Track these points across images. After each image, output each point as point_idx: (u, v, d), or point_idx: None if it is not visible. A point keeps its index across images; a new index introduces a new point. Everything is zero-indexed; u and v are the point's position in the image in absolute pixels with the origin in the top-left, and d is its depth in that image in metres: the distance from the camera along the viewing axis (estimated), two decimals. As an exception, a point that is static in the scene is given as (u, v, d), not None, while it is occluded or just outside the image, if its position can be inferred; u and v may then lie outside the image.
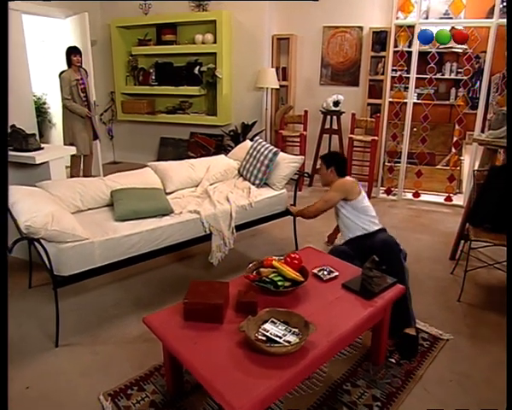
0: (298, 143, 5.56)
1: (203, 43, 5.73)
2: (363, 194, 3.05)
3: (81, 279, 2.58)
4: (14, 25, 4.65)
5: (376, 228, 3.01)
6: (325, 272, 2.46)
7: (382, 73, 5.54)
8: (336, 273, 2.46)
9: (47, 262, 2.44)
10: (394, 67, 4.97)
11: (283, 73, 6.00)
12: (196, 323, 1.98)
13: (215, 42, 5.66)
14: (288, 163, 3.63)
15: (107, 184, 3.17)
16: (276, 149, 3.60)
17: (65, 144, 5.20)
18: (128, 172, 3.44)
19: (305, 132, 5.52)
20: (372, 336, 2.44)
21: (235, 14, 5.69)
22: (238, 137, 5.69)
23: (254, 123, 5.76)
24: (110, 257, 2.65)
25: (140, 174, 3.44)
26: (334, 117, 5.55)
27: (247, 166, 3.74)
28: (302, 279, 2.26)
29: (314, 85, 6.00)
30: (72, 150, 3.56)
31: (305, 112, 5.59)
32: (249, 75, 5.80)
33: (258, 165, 3.62)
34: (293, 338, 1.83)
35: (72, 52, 4.82)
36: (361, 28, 5.57)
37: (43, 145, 3.48)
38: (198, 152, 6.17)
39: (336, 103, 5.41)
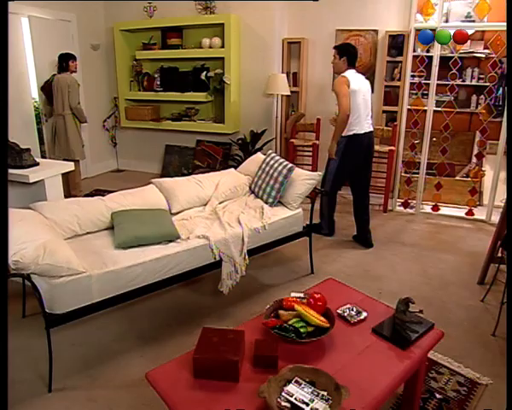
0: (310, 153, 5.26)
1: (210, 47, 5.49)
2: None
3: (77, 317, 2.30)
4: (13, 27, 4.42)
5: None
6: (352, 313, 2.16)
7: (399, 79, 5.22)
8: (365, 314, 2.15)
9: (38, 299, 2.16)
10: (413, 73, 4.65)
11: (294, 79, 5.70)
12: (208, 381, 1.69)
13: (223, 46, 5.40)
14: (303, 180, 3.33)
15: (107, 206, 2.88)
16: (290, 165, 3.31)
17: (63, 157, 5.00)
18: (130, 191, 3.15)
19: (317, 142, 5.22)
20: (404, 386, 2.14)
21: (244, 17, 5.41)
22: (247, 146, 5.40)
23: (264, 131, 5.46)
24: (109, 291, 2.37)
25: (143, 193, 3.15)
26: None
27: (260, 182, 3.45)
28: (328, 325, 1.96)
29: (326, 91, 5.68)
30: (70, 166, 3.28)
31: (318, 120, 5.29)
32: (258, 81, 5.52)
33: (272, 182, 3.32)
34: (322, 406, 1.54)
35: (70, 58, 4.75)
36: (376, 32, 5.26)
37: (38, 160, 3.20)
38: (204, 161, 5.90)
39: (350, 111, 5.09)
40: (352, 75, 3.65)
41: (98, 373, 2.39)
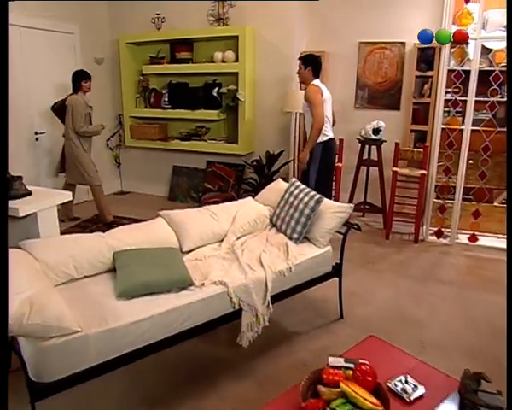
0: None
1: (223, 61, 5.25)
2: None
3: (69, 386, 1.95)
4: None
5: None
6: (407, 387, 1.81)
7: (429, 96, 4.92)
8: (422, 390, 1.80)
9: (22, 365, 1.83)
10: (448, 89, 4.33)
11: None
12: None
13: (237, 60, 5.16)
14: (333, 213, 2.99)
15: (108, 244, 2.55)
16: (319, 196, 2.98)
17: (69, 183, 4.80)
18: (135, 226, 2.84)
19: (340, 164, 4.90)
20: None
21: (260, 29, 5.17)
22: (262, 168, 5.11)
23: (281, 153, 5.16)
24: (110, 352, 2.03)
25: (150, 228, 2.82)
26: (373, 146, 4.96)
27: (283, 215, 3.12)
28: (381, 408, 1.60)
29: (348, 109, 5.40)
30: (67, 196, 2.97)
31: (341, 141, 4.98)
32: (275, 98, 5.26)
33: (297, 215, 2.99)
34: None
35: (85, 77, 4.57)
36: (403, 44, 4.99)
37: (31, 188, 2.89)
38: (216, 184, 5.62)
39: (377, 131, 4.81)
40: (321, 85, 4.04)
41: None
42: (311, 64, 4.05)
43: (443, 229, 4.61)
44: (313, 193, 3.04)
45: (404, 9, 4.89)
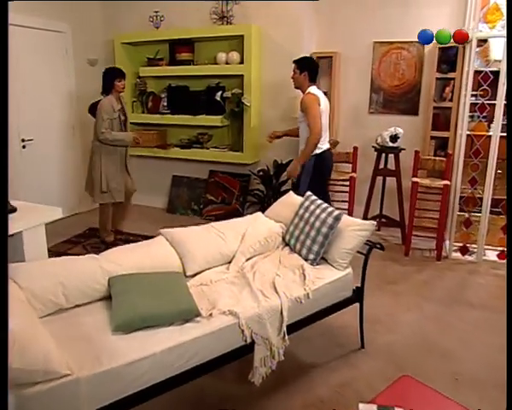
0: (346, 189, 4.76)
1: (227, 63, 5.11)
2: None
3: (57, 440, 1.75)
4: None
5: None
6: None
7: (451, 99, 4.77)
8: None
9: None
10: (474, 92, 4.17)
11: None
12: None
13: (242, 62, 5.01)
14: (353, 231, 2.81)
15: (102, 268, 2.37)
16: (337, 212, 2.80)
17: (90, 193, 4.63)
18: (132, 246, 2.66)
19: (354, 174, 4.74)
20: None
21: (267, 28, 5.02)
22: (270, 179, 4.95)
23: (290, 162, 4.98)
24: (104, 398, 1.84)
25: (149, 249, 2.64)
26: (390, 155, 4.83)
27: (297, 233, 2.94)
28: None
29: (362, 114, 5.28)
30: (58, 214, 2.78)
31: (355, 149, 4.83)
32: (283, 103, 5.11)
33: (313, 233, 2.81)
34: None
35: (118, 75, 4.32)
36: (422, 44, 4.83)
37: (16, 204, 2.71)
38: (219, 195, 5.46)
39: (394, 138, 4.65)
40: (319, 93, 3.92)
41: None
42: (308, 68, 3.95)
43: (468, 245, 4.43)
44: (331, 209, 2.86)
45: (423, 6, 4.77)
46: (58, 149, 5.52)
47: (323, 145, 4.00)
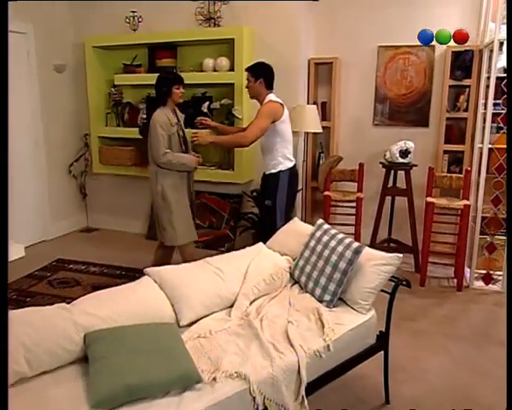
0: (352, 210, 4.55)
1: (215, 70, 4.91)
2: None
3: None
4: None
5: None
6: None
7: (465, 109, 4.62)
8: None
9: None
10: (496, 101, 4.02)
11: (323, 111, 5.17)
12: None
13: (232, 69, 4.81)
14: (376, 266, 2.57)
15: (76, 322, 2.04)
16: (357, 244, 2.55)
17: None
18: (113, 291, 2.35)
19: (361, 195, 4.54)
20: None
21: (260, 31, 4.83)
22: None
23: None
24: None
25: (134, 294, 2.33)
26: (400, 171, 4.66)
27: (308, 268, 2.68)
28: None
29: (365, 127, 5.16)
30: (18, 252, 2.45)
31: (361, 166, 4.64)
32: (279, 115, 4.90)
33: (329, 269, 2.55)
34: None
35: (177, 81, 3.72)
36: (432, 48, 4.77)
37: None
38: (206, 219, 5.23)
39: (405, 153, 4.50)
40: (280, 101, 3.78)
41: None
42: (263, 75, 3.76)
43: (491, 271, 4.24)
44: (349, 240, 2.62)
45: (433, 6, 4.68)
46: (17, 167, 5.17)
47: (293, 158, 3.91)
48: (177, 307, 2.34)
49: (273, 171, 3.77)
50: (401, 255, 2.66)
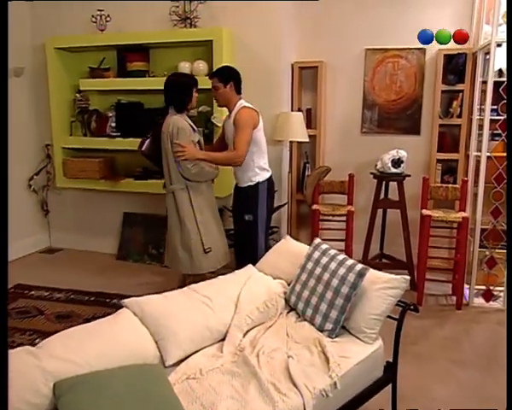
0: (342, 225, 4.45)
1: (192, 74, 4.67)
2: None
3: None
4: None
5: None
6: None
7: (459, 115, 4.60)
8: None
9: None
10: (495, 106, 4.00)
11: (308, 118, 5.07)
12: None
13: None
14: (381, 289, 2.45)
15: (44, 369, 1.81)
16: (361, 267, 2.42)
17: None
18: (86, 328, 2.13)
19: (352, 208, 4.45)
20: None
21: (239, 32, 4.71)
22: (248, 215, 4.56)
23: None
24: None
25: (111, 330, 2.13)
26: (392, 182, 4.60)
27: (306, 294, 2.53)
28: None
29: (353, 135, 5.12)
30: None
31: (351, 177, 4.56)
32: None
33: (330, 294, 2.41)
34: None
35: (196, 85, 3.62)
36: (423, 51, 4.77)
37: None
38: (183, 237, 5.00)
39: (397, 163, 4.44)
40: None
41: None
42: (232, 78, 3.64)
43: (491, 287, 4.19)
44: (351, 261, 2.49)
45: (424, 6, 4.66)
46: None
47: (269, 168, 3.84)
48: (162, 345, 2.15)
49: (250, 183, 3.68)
50: (408, 277, 2.56)
